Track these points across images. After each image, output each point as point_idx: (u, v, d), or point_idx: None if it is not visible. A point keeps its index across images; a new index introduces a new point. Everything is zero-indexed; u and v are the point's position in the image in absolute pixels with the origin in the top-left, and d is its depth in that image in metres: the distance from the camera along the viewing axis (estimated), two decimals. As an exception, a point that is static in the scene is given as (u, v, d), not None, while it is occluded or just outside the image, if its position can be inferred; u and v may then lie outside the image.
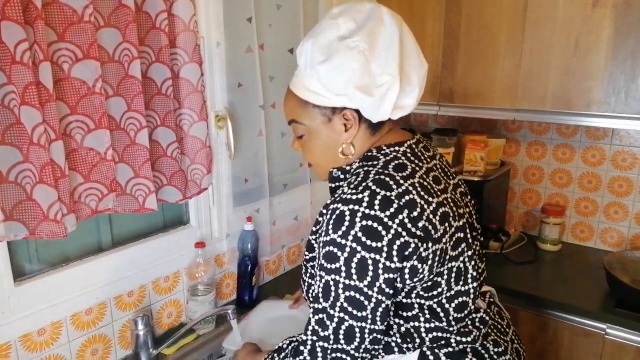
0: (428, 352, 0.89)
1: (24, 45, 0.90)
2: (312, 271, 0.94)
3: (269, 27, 1.50)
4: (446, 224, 0.86)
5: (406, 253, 0.81)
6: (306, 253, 0.96)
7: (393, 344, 0.89)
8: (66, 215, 1.03)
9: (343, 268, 0.81)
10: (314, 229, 0.92)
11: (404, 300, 0.87)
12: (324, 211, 0.87)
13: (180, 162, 1.28)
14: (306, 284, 0.97)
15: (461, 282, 0.90)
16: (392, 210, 0.80)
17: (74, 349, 1.19)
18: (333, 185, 0.97)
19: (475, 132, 2.07)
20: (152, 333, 1.26)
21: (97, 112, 1.09)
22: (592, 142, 1.94)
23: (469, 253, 0.91)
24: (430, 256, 0.83)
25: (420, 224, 0.81)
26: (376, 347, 0.85)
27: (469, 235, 0.92)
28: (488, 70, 1.76)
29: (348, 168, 0.94)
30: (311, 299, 0.91)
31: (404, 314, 0.88)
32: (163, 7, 1.15)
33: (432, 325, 0.88)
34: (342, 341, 0.83)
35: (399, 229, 0.80)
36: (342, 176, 0.95)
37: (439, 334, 0.89)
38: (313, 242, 0.93)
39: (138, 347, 1.23)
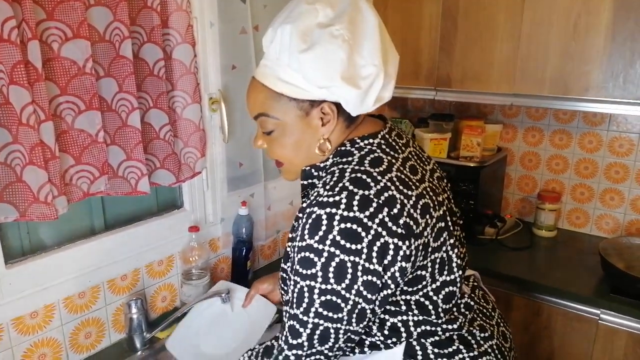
0: (414, 343, 0.88)
1: (11, 23, 0.88)
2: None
3: (263, 8, 1.47)
4: (427, 217, 0.83)
5: (388, 255, 0.77)
6: (282, 264, 0.92)
7: (379, 342, 0.88)
8: (57, 198, 1.02)
9: (320, 273, 0.77)
10: (290, 235, 0.86)
11: (389, 299, 0.84)
12: (300, 215, 0.82)
13: (174, 145, 1.26)
14: (284, 292, 0.93)
15: (445, 272, 0.87)
16: (371, 209, 0.77)
17: (67, 332, 1.18)
18: (305, 182, 0.92)
19: (472, 118, 2.05)
20: (146, 317, 1.26)
21: (87, 93, 1.07)
22: (589, 128, 1.93)
23: (451, 241, 0.88)
24: (414, 252, 0.80)
25: (401, 221, 0.78)
26: (349, 344, 0.83)
27: (449, 223, 0.89)
28: (486, 53, 1.74)
29: (322, 165, 0.89)
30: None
31: (391, 308, 0.86)
32: (155, -14, 1.13)
33: (421, 318, 0.87)
34: (316, 344, 0.81)
35: (379, 229, 0.76)
36: (315, 173, 0.91)
37: (428, 327, 0.88)
38: (289, 250, 0.87)
39: (132, 330, 1.22)
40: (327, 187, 0.81)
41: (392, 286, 0.80)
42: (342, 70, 0.80)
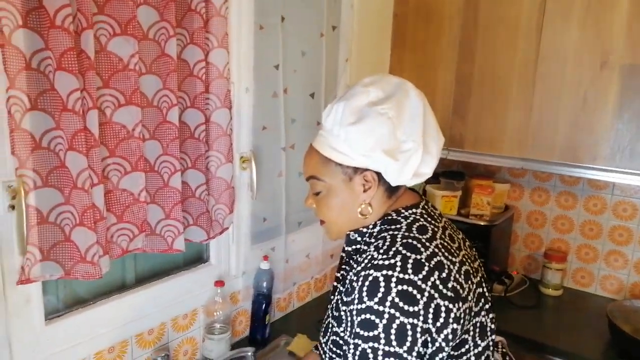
0: None
1: (76, 95, 0.94)
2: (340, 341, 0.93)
3: (293, 73, 1.56)
4: (469, 282, 0.89)
5: (441, 317, 0.82)
6: (335, 328, 0.95)
7: None
8: (102, 257, 1.06)
9: (382, 335, 0.81)
10: (345, 299, 0.89)
11: None
12: (355, 278, 0.86)
13: (207, 204, 1.31)
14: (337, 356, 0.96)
15: (485, 337, 0.93)
16: (424, 272, 0.83)
17: (95, 387, 1.20)
18: (350, 248, 0.98)
19: (481, 176, 2.13)
20: (171, 372, 1.27)
21: (134, 155, 1.13)
22: (594, 192, 2.01)
23: (487, 306, 0.95)
24: (462, 315, 0.86)
25: (449, 285, 0.84)
26: None
27: (485, 289, 0.96)
28: (499, 119, 1.83)
29: (366, 231, 0.96)
30: None
31: None
32: (201, 56, 1.20)
33: None
34: None
35: (432, 291, 0.82)
36: (359, 239, 0.97)
37: None
38: (342, 314, 0.90)
39: (157, 385, 1.24)
40: (381, 250, 0.86)
41: (446, 349, 0.84)
42: (384, 143, 0.89)
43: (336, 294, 1.01)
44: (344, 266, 1.02)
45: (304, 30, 1.57)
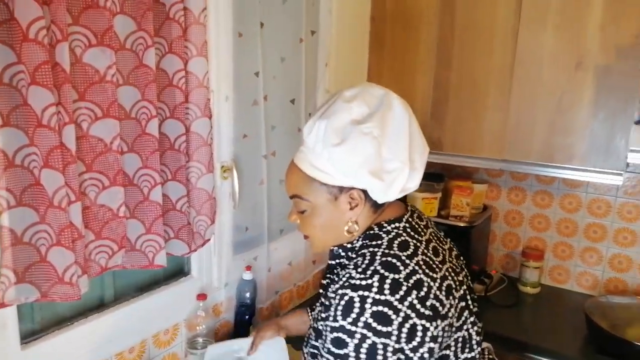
0: None
1: (52, 110, 0.90)
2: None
3: (273, 79, 1.53)
4: (451, 297, 0.89)
5: (417, 337, 0.82)
6: (312, 341, 0.96)
7: None
8: (80, 277, 1.01)
9: (352, 354, 0.81)
10: (323, 315, 0.90)
11: None
12: (332, 295, 0.86)
13: (188, 216, 1.27)
14: None
15: (467, 350, 0.93)
16: (401, 292, 0.82)
17: (75, 411, 1.15)
18: (334, 262, 0.98)
19: (459, 178, 2.15)
20: (155, 391, 1.23)
21: (112, 169, 1.08)
22: (569, 190, 2.05)
23: (472, 319, 0.94)
24: (440, 333, 0.85)
25: (428, 303, 0.83)
26: None
27: (469, 301, 0.95)
28: (477, 123, 1.85)
29: (350, 246, 0.96)
30: None
31: None
32: (181, 65, 1.17)
33: None
34: None
35: (409, 311, 0.81)
36: (342, 253, 0.96)
37: None
38: (321, 327, 0.90)
39: (141, 406, 1.20)
40: (359, 269, 0.86)
41: None
42: (369, 164, 0.87)
43: (318, 304, 1.00)
44: (328, 275, 1.01)
45: (283, 36, 1.54)
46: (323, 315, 0.89)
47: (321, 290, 1.04)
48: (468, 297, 0.95)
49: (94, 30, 0.97)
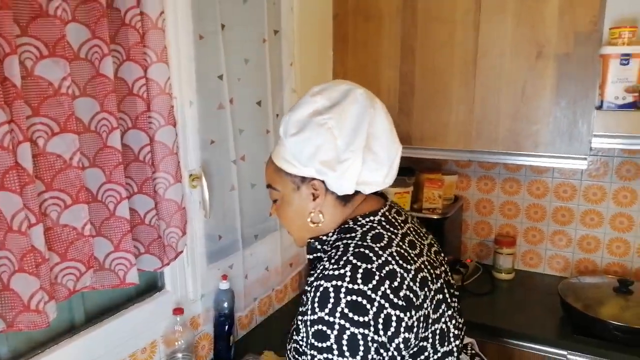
0: None
1: (4, 128, 0.84)
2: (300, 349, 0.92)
3: (238, 82, 1.49)
4: (426, 289, 0.89)
5: (391, 327, 0.82)
6: (294, 336, 0.94)
7: None
8: (47, 303, 0.95)
9: (335, 346, 0.81)
10: (300, 309, 0.90)
11: None
12: (308, 288, 0.87)
13: (159, 229, 1.22)
14: None
15: (445, 343, 0.93)
16: (374, 282, 0.83)
17: None
18: (311, 256, 0.99)
19: (429, 170, 2.16)
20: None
21: (74, 187, 1.03)
22: (536, 176, 2.09)
23: (449, 312, 0.95)
24: (415, 323, 0.85)
25: (401, 294, 0.84)
26: None
27: (447, 295, 0.95)
28: (443, 115, 1.86)
29: (325, 239, 0.97)
30: None
31: None
32: (140, 73, 1.12)
33: None
34: None
35: (382, 301, 0.82)
36: (319, 247, 0.97)
37: None
38: (300, 323, 0.90)
39: None
40: (333, 260, 0.87)
41: (398, 358, 0.85)
42: (322, 154, 0.90)
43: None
44: (311, 271, 1.00)
45: (245, 37, 1.50)
46: (301, 309, 0.89)
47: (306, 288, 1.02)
48: (446, 291, 0.95)
49: (45, 40, 0.91)
